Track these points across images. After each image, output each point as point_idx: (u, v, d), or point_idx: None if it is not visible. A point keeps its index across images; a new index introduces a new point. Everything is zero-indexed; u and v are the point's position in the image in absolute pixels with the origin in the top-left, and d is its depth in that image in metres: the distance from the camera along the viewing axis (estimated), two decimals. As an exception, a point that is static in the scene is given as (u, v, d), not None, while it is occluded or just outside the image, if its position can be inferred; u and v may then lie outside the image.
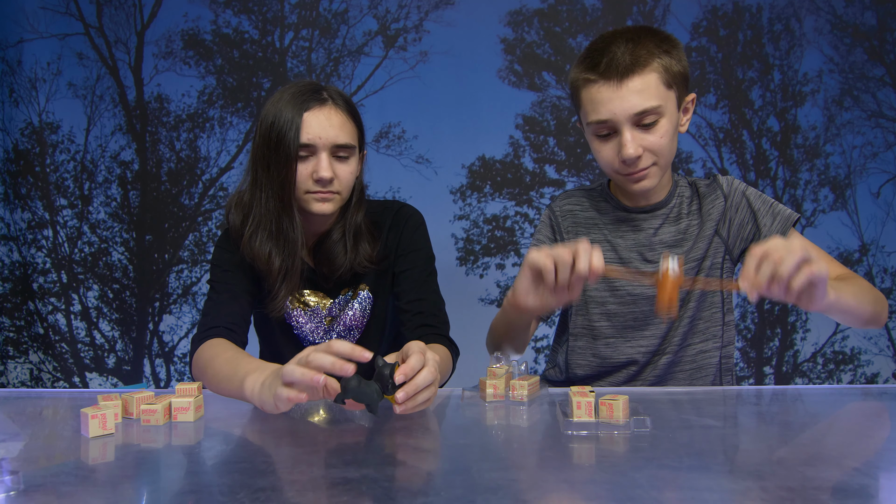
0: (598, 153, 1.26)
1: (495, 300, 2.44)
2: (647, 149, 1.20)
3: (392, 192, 2.43)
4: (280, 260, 1.26)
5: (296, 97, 1.21)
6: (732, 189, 1.34)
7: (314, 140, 1.20)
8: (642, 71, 1.16)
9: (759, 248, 0.92)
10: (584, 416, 0.88)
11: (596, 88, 1.19)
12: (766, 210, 1.32)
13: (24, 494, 0.67)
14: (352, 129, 1.25)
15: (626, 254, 1.35)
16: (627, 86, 1.16)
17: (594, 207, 1.41)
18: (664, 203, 1.35)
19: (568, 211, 1.42)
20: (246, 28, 2.44)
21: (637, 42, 1.18)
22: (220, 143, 2.47)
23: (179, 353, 2.50)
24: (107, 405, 0.91)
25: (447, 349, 1.23)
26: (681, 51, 1.22)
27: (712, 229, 1.33)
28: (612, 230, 1.37)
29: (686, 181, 1.39)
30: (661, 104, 1.18)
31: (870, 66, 2.41)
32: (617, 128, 1.19)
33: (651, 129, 1.19)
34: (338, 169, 1.23)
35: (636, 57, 1.16)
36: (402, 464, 0.77)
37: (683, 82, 1.23)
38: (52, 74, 2.44)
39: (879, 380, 2.43)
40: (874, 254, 2.42)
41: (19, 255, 2.47)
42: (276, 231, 1.25)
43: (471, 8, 2.41)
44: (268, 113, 1.22)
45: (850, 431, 0.93)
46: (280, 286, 1.27)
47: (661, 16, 2.41)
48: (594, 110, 1.20)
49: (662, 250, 1.33)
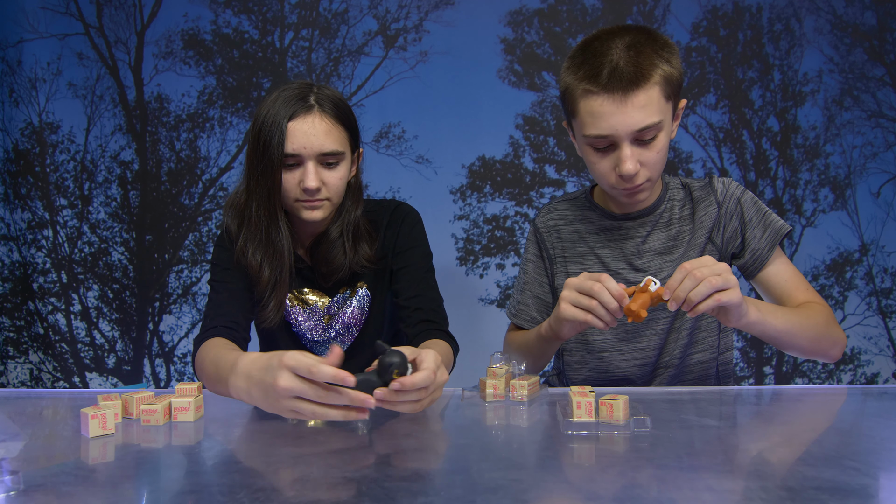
0: (593, 165, 1.22)
1: (495, 300, 2.44)
2: (644, 164, 1.17)
3: (392, 192, 2.43)
4: (269, 271, 1.26)
5: (283, 104, 1.19)
6: (728, 195, 1.31)
7: (298, 150, 1.19)
8: (646, 84, 1.12)
9: (689, 263, 1.02)
10: (584, 416, 0.88)
11: (598, 102, 1.13)
12: (758, 220, 1.29)
13: (24, 494, 0.67)
14: (339, 134, 1.22)
15: (613, 264, 1.33)
16: (632, 101, 1.12)
17: (579, 219, 1.38)
18: (653, 208, 1.32)
19: (552, 226, 1.40)
20: (246, 28, 2.44)
21: (638, 50, 1.13)
22: (220, 143, 2.47)
23: (179, 353, 2.50)
24: (107, 405, 0.91)
25: (448, 345, 1.23)
26: (678, 57, 1.18)
27: (705, 237, 1.31)
28: (598, 241, 1.35)
29: (679, 182, 1.36)
30: (662, 119, 1.15)
31: (870, 66, 2.41)
32: (616, 142, 1.16)
33: (649, 144, 1.16)
34: (326, 176, 1.22)
35: (640, 68, 1.12)
36: (402, 464, 0.77)
37: (679, 90, 1.20)
38: (52, 74, 2.44)
39: (879, 380, 2.43)
40: (874, 254, 2.42)
41: (19, 255, 2.47)
42: (265, 240, 1.25)
43: (471, 8, 2.40)
44: (258, 117, 1.21)
45: (850, 431, 0.93)
46: (270, 296, 1.28)
47: (661, 16, 2.41)
48: (594, 124, 1.15)
49: (652, 258, 1.32)
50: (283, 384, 0.83)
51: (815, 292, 1.28)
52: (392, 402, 0.87)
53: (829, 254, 2.42)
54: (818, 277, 2.42)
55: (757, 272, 1.30)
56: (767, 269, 1.29)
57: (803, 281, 1.30)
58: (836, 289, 2.42)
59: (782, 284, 1.29)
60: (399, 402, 0.88)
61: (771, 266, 1.29)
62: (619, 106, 1.12)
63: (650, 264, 1.31)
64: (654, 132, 1.15)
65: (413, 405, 0.89)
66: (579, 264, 1.36)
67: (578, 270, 1.35)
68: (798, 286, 1.28)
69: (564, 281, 1.12)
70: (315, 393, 0.83)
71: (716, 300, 1.00)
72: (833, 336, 1.21)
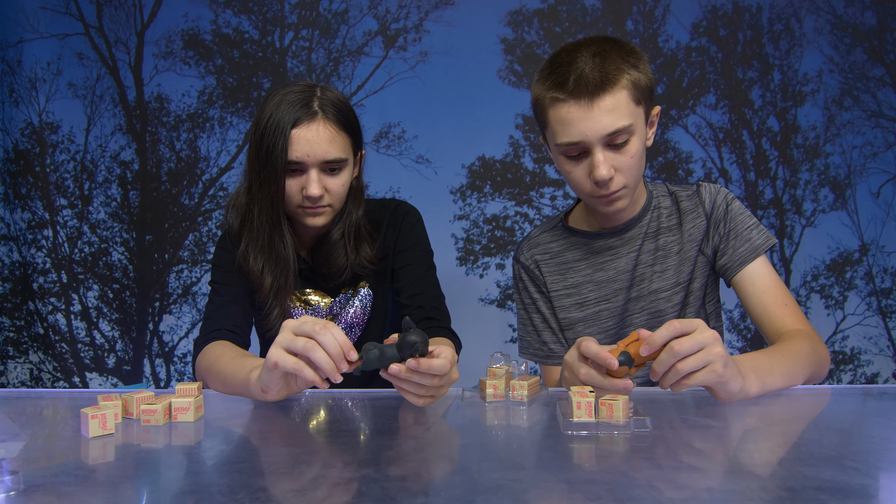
0: (568, 174, 1.21)
1: (495, 300, 2.44)
2: (619, 169, 1.16)
3: (392, 192, 2.43)
4: (272, 278, 1.26)
5: (287, 108, 1.18)
6: (716, 206, 1.29)
7: (302, 157, 1.18)
8: (612, 88, 1.12)
9: (677, 342, 0.89)
10: (584, 416, 0.88)
11: (566, 109, 1.13)
12: (741, 230, 1.27)
13: (24, 494, 0.67)
14: (343, 141, 1.22)
15: (609, 287, 1.31)
16: (599, 105, 1.11)
17: (564, 248, 1.36)
18: (638, 219, 1.30)
19: (537, 261, 1.37)
20: (246, 28, 2.44)
21: (604, 56, 1.13)
22: (220, 143, 2.47)
23: (179, 353, 2.50)
24: (107, 405, 0.91)
25: (450, 341, 1.23)
26: (647, 63, 1.18)
27: (695, 250, 1.29)
28: (590, 267, 1.33)
29: (665, 190, 1.34)
30: (632, 122, 1.14)
31: (870, 66, 2.41)
32: (588, 149, 1.15)
33: (622, 148, 1.15)
34: (328, 183, 1.22)
35: (605, 73, 1.11)
36: (402, 464, 0.77)
37: (650, 96, 1.19)
38: (52, 74, 2.44)
39: (879, 380, 2.43)
40: (874, 254, 2.42)
41: (19, 255, 2.47)
42: (267, 246, 1.25)
43: (471, 8, 2.41)
44: (260, 120, 1.20)
45: (850, 431, 0.93)
46: (273, 303, 1.27)
47: (661, 16, 2.41)
48: (564, 132, 1.15)
49: (643, 270, 1.31)
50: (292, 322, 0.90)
51: (795, 307, 1.23)
52: (404, 382, 0.89)
53: (829, 254, 2.42)
54: (818, 277, 2.42)
55: (731, 277, 1.28)
56: (742, 275, 1.26)
57: (784, 293, 1.25)
58: (836, 289, 2.43)
59: (759, 295, 1.24)
60: (409, 383, 0.90)
61: (746, 273, 1.26)
62: (587, 111, 1.12)
63: (646, 271, 1.31)
64: (626, 136, 1.14)
65: (419, 392, 0.91)
66: (574, 296, 1.34)
67: (574, 303, 1.34)
68: (776, 300, 1.23)
69: (562, 315, 1.07)
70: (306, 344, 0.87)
71: (693, 386, 0.91)
72: (821, 361, 1.16)
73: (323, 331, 0.88)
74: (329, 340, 0.87)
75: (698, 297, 1.31)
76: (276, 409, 1.03)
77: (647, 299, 1.31)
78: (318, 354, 0.87)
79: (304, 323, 0.89)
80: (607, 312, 1.33)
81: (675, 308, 1.31)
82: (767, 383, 1.01)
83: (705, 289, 1.32)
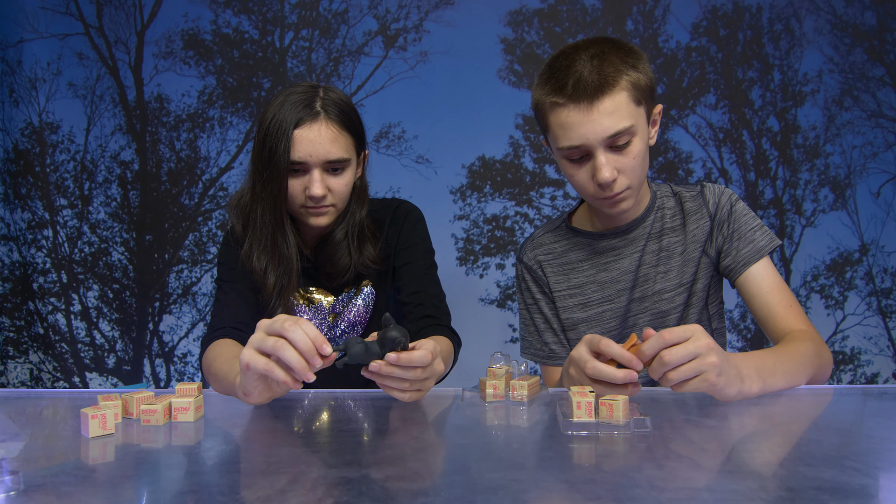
0: (571, 178, 1.21)
1: (495, 300, 2.44)
2: (621, 171, 1.16)
3: (392, 191, 2.43)
4: (275, 277, 1.26)
5: (290, 109, 1.18)
6: (720, 207, 1.29)
7: (304, 157, 1.18)
8: (612, 90, 1.11)
9: (668, 352, 0.89)
10: (584, 416, 0.88)
11: (565, 113, 1.13)
12: (745, 231, 1.27)
13: (24, 494, 0.67)
14: (346, 141, 1.22)
15: (612, 288, 1.31)
16: (598, 108, 1.11)
17: (567, 248, 1.36)
18: (642, 219, 1.30)
19: (541, 261, 1.37)
20: (246, 28, 2.44)
21: (602, 58, 1.13)
22: (220, 143, 2.47)
23: (179, 353, 2.50)
24: (107, 405, 0.91)
25: (450, 339, 1.24)
26: (646, 63, 1.17)
27: (699, 251, 1.29)
28: (593, 267, 1.33)
29: (669, 190, 1.34)
30: (633, 123, 1.13)
31: (870, 66, 2.41)
32: (590, 151, 1.15)
33: (624, 150, 1.14)
34: (331, 183, 1.22)
35: (604, 75, 1.11)
36: (402, 464, 0.77)
37: (651, 96, 1.18)
38: (52, 74, 2.44)
39: (879, 380, 2.43)
40: (874, 254, 2.42)
41: (19, 255, 2.47)
42: (271, 246, 1.25)
43: (471, 8, 2.41)
44: (263, 121, 1.20)
45: (850, 431, 0.93)
46: (276, 302, 1.27)
47: (661, 16, 2.41)
48: (565, 136, 1.15)
49: (647, 271, 1.31)
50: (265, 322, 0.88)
51: (798, 309, 1.23)
52: (385, 377, 0.90)
53: (829, 254, 2.42)
54: (818, 277, 2.42)
55: (735, 278, 1.28)
56: (746, 276, 1.26)
57: (787, 295, 1.25)
58: (836, 289, 2.43)
59: (763, 296, 1.25)
60: (391, 378, 0.91)
61: (750, 274, 1.26)
62: (587, 114, 1.12)
63: (650, 271, 1.31)
64: (627, 137, 1.14)
65: (402, 387, 0.92)
66: (577, 296, 1.34)
67: (578, 303, 1.34)
68: (780, 301, 1.23)
69: (565, 316, 1.07)
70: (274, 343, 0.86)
71: (688, 391, 0.91)
72: (824, 363, 1.17)
73: (293, 327, 0.85)
74: (299, 337, 0.85)
75: (701, 297, 1.31)
76: (276, 410, 1.03)
77: (651, 300, 1.31)
78: (287, 353, 0.85)
79: (275, 321, 0.88)
80: (610, 313, 1.32)
81: (678, 309, 1.31)
82: (769, 383, 1.01)
83: (708, 290, 1.32)
